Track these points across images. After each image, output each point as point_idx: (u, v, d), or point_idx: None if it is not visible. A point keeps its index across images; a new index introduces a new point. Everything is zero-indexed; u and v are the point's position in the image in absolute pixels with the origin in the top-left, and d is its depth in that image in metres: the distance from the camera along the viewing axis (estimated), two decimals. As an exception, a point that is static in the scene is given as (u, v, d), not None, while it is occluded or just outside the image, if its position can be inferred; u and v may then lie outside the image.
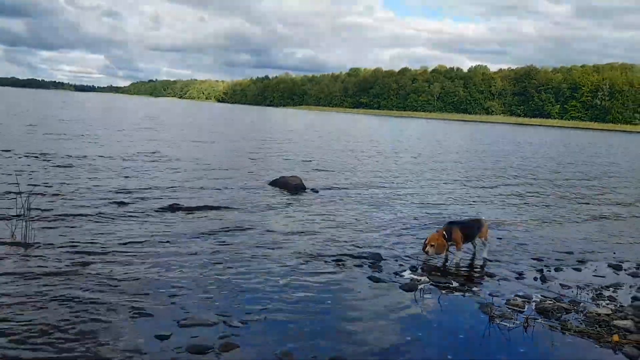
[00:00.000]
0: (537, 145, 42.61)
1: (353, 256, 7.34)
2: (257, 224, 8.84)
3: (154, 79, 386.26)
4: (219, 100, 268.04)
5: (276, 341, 4.63)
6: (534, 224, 10.56)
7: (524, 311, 5.71)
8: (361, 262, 7.10)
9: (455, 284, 6.51)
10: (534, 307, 5.85)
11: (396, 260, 7.32)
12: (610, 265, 7.86)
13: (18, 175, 10.60)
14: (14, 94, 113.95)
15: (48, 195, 9.81)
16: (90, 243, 7.05)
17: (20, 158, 14.35)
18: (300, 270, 6.59)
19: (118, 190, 10.67)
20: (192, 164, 16.06)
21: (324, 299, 5.73)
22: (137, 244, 7.17)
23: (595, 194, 15.79)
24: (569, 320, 5.51)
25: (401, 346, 4.75)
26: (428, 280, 6.54)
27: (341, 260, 7.12)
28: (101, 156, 15.90)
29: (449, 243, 7.36)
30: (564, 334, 5.20)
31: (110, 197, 9.99)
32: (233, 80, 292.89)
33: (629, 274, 7.48)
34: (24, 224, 7.08)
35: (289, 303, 5.51)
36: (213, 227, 8.40)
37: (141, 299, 5.32)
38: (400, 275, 6.67)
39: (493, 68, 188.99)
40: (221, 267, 6.47)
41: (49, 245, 6.83)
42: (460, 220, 8.28)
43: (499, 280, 6.83)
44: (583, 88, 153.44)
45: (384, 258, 7.35)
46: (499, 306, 5.79)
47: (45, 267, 6.02)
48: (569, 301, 6.08)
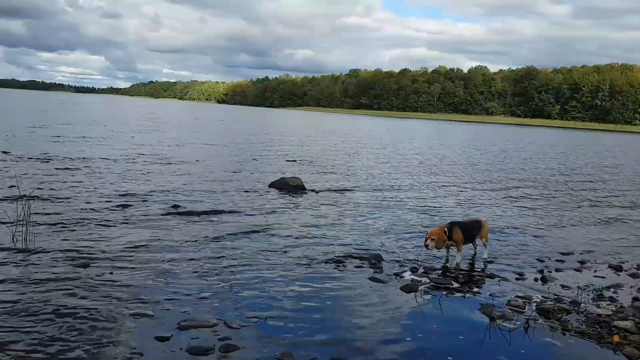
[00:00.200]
0: (538, 146, 42.60)
1: (353, 257, 7.34)
2: (257, 225, 8.84)
3: (154, 80, 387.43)
4: (219, 102, 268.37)
5: (276, 342, 4.62)
6: (535, 225, 10.55)
7: (524, 312, 5.71)
8: (361, 263, 7.09)
9: (455, 285, 6.51)
10: (534, 308, 5.84)
11: (396, 261, 7.31)
12: (610, 266, 7.85)
13: (19, 178, 10.60)
14: (14, 95, 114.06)
15: (49, 198, 9.80)
16: (91, 246, 7.05)
17: (21, 160, 14.35)
18: (300, 271, 6.58)
19: (118, 193, 10.67)
20: (193, 165, 16.06)
21: (324, 300, 5.73)
22: (137, 246, 7.17)
23: (596, 195, 15.79)
24: (569, 320, 5.50)
25: (402, 347, 4.74)
26: (428, 281, 6.53)
27: (341, 262, 7.11)
28: (103, 158, 15.91)
29: (450, 242, 7.37)
30: (565, 334, 5.20)
31: (110, 200, 9.99)
32: (233, 82, 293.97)
33: (629, 275, 7.47)
34: (24, 228, 7.08)
35: (289, 304, 5.51)
36: (212, 229, 8.40)
37: (141, 300, 5.32)
38: (401, 276, 6.67)
39: (493, 69, 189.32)
40: (221, 269, 6.46)
41: (49, 247, 6.83)
42: (461, 220, 8.28)
43: (499, 281, 6.82)
44: (583, 88, 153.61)
45: (384, 259, 7.34)
46: (499, 307, 5.79)
47: (46, 269, 6.02)
48: (569, 302, 6.07)
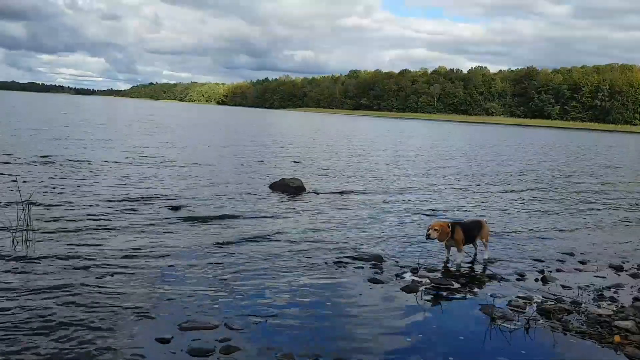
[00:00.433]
0: (538, 147, 42.59)
1: (354, 258, 7.33)
2: (257, 227, 8.84)
3: (154, 82, 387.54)
4: (219, 103, 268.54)
5: (277, 343, 4.62)
6: (535, 225, 10.55)
7: (525, 312, 5.70)
8: (362, 264, 7.09)
9: (456, 286, 6.50)
10: (535, 308, 5.84)
11: (397, 262, 7.31)
12: (611, 266, 7.85)
13: (20, 181, 10.60)
14: (14, 97, 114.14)
15: (50, 201, 9.80)
16: (92, 248, 7.05)
17: (23, 163, 14.34)
18: (300, 272, 6.58)
19: (119, 196, 10.66)
20: (193, 167, 16.06)
21: (325, 300, 5.73)
22: (138, 248, 7.17)
23: (597, 196, 15.79)
24: (570, 321, 5.50)
25: (402, 348, 4.74)
26: (429, 281, 6.53)
27: (342, 262, 7.11)
28: (104, 161, 15.90)
29: (451, 241, 7.37)
30: (566, 334, 5.20)
31: (111, 203, 9.99)
32: (233, 83, 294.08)
33: (629, 275, 7.46)
34: (25, 230, 7.09)
35: (290, 305, 5.51)
36: (212, 231, 8.40)
37: (142, 302, 5.32)
38: (401, 277, 6.67)
39: (493, 69, 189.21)
40: (221, 270, 6.46)
41: (50, 249, 6.83)
42: (462, 221, 8.28)
43: (500, 281, 6.82)
44: (583, 89, 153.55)
45: (384, 260, 7.34)
46: (500, 307, 5.79)
47: (47, 270, 6.02)
48: (570, 302, 6.07)
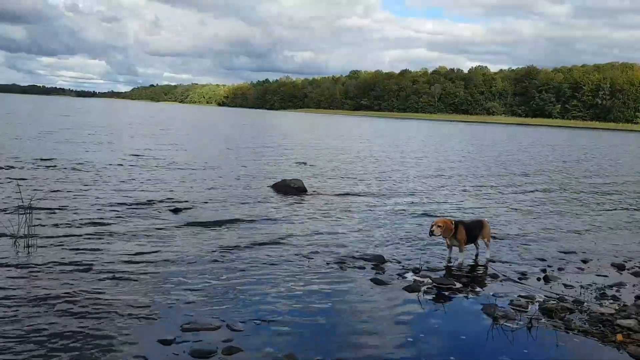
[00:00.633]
0: (540, 147, 42.54)
1: (355, 258, 7.34)
2: (258, 227, 8.84)
3: (155, 84, 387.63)
4: (219, 104, 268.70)
5: (279, 344, 4.63)
6: (536, 224, 10.54)
7: (527, 311, 5.70)
8: (364, 264, 7.09)
9: (458, 285, 6.50)
10: (537, 308, 5.83)
11: (399, 262, 7.31)
12: (613, 265, 7.84)
13: (22, 184, 10.61)
14: (16, 100, 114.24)
15: (52, 204, 9.81)
16: (94, 250, 7.07)
17: (25, 166, 14.34)
18: (302, 273, 6.58)
19: (121, 197, 10.69)
20: (195, 168, 16.07)
21: (327, 301, 5.73)
22: (140, 251, 7.18)
23: (600, 195, 15.77)
24: (572, 320, 5.50)
25: (404, 348, 4.74)
26: (431, 281, 6.53)
27: (343, 263, 7.11)
28: (107, 164, 15.92)
29: (454, 241, 7.36)
30: (568, 333, 5.19)
31: (113, 204, 10.01)
32: (234, 84, 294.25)
33: (631, 274, 7.46)
34: (27, 232, 7.12)
35: (292, 306, 5.51)
36: (213, 232, 8.41)
37: (144, 304, 5.33)
38: (403, 277, 6.67)
39: (493, 68, 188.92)
40: (223, 271, 6.47)
41: (52, 252, 6.85)
42: (463, 220, 8.26)
43: (502, 280, 6.82)
44: (584, 87, 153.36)
45: (386, 260, 7.34)
46: (502, 307, 5.78)
47: (49, 272, 6.03)
48: (572, 301, 6.07)
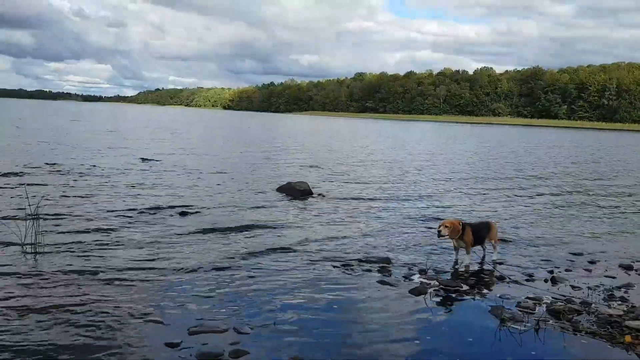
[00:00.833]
0: (547, 148, 42.38)
1: (361, 261, 7.33)
2: (264, 230, 8.85)
3: (161, 88, 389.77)
4: (225, 108, 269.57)
5: (286, 347, 4.63)
6: (544, 225, 10.50)
7: (534, 313, 5.67)
8: (370, 267, 7.08)
9: (465, 287, 6.48)
10: (545, 309, 5.81)
11: (405, 264, 7.29)
12: (621, 266, 7.80)
13: (30, 191, 10.65)
14: (24, 105, 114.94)
15: (60, 210, 9.83)
16: (101, 253, 7.09)
17: (35, 171, 14.41)
18: (307, 275, 6.58)
19: (129, 204, 10.66)
20: (203, 171, 16.12)
21: (333, 303, 5.73)
22: (146, 254, 7.20)
23: (608, 196, 15.69)
24: (580, 321, 5.47)
25: (411, 350, 4.73)
26: (438, 283, 6.51)
27: (350, 265, 7.11)
28: (115, 168, 15.98)
29: (461, 242, 7.34)
30: (576, 335, 5.17)
31: (120, 208, 10.05)
32: (239, 88, 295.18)
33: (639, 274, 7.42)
34: (35, 237, 7.16)
35: (298, 309, 5.51)
36: (220, 234, 8.42)
37: (151, 307, 5.34)
38: (410, 279, 6.65)
39: (498, 69, 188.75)
40: (230, 274, 6.48)
41: (60, 253, 6.88)
42: (470, 222, 8.25)
43: (509, 282, 6.79)
44: (590, 88, 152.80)
45: (392, 262, 7.33)
46: (509, 309, 5.76)
47: (56, 275, 6.05)
48: (580, 302, 6.04)
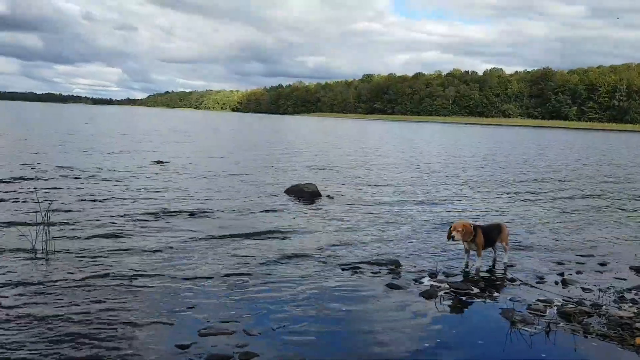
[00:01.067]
0: (558, 149, 42.13)
1: (371, 263, 7.32)
2: (273, 232, 8.86)
3: (170, 90, 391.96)
4: (233, 110, 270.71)
5: (295, 349, 4.64)
6: (554, 227, 10.45)
7: (545, 316, 5.65)
8: (379, 270, 7.07)
9: (475, 290, 6.46)
10: (555, 312, 5.78)
11: (415, 267, 7.27)
12: (632, 268, 7.74)
13: (41, 194, 10.75)
14: (34, 108, 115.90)
15: (71, 214, 9.89)
16: (111, 255, 7.14)
17: (47, 175, 14.52)
18: (317, 279, 6.59)
19: (139, 207, 10.72)
20: (212, 173, 16.18)
21: (342, 306, 5.73)
22: (156, 256, 7.24)
23: (620, 200, 15.57)
24: (591, 323, 5.44)
25: (421, 354, 4.72)
26: (448, 286, 6.49)
27: (359, 268, 7.10)
28: (126, 171, 16.07)
29: (472, 245, 7.31)
30: (587, 337, 5.14)
31: (130, 210, 10.11)
32: (247, 90, 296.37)
33: (652, 277, 7.35)
34: (44, 233, 7.23)
35: (307, 311, 5.52)
36: (230, 236, 8.44)
37: (161, 309, 5.38)
38: (420, 282, 6.64)
39: (508, 70, 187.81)
40: (239, 276, 6.50)
41: (70, 256, 6.93)
42: (481, 224, 8.21)
43: (519, 285, 6.76)
44: (600, 89, 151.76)
45: (402, 265, 7.31)
46: (520, 311, 5.74)
47: (66, 277, 6.10)
48: (590, 304, 6.00)
